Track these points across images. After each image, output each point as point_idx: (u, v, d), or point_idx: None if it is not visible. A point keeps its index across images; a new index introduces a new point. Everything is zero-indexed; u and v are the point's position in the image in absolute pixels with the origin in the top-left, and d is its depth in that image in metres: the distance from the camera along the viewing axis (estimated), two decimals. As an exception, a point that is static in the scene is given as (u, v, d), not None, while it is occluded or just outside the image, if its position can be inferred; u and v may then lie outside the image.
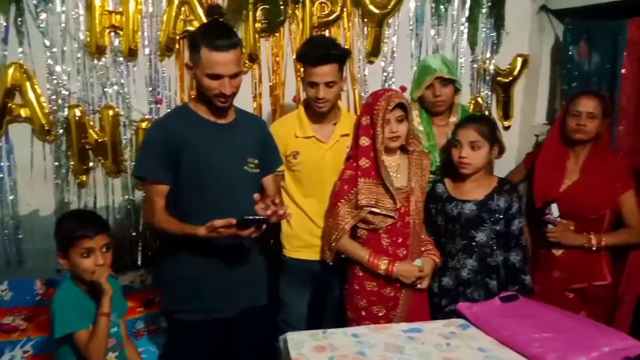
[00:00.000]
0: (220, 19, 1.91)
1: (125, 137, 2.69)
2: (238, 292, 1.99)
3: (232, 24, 2.61)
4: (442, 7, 2.86)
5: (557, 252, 2.24)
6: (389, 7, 2.79)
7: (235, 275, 1.97)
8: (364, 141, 2.09)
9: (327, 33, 2.77)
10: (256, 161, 1.99)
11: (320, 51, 2.11)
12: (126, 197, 2.74)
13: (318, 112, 2.20)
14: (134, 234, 2.75)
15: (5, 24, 2.46)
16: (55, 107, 2.57)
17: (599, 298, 2.23)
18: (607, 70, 2.48)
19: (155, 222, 1.89)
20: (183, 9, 2.61)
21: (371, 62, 2.88)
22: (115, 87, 2.64)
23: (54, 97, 2.56)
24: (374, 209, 2.06)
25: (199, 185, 1.88)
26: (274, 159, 2.13)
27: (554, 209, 2.17)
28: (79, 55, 2.58)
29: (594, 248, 2.18)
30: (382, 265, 2.06)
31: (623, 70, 2.37)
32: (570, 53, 2.69)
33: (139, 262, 2.76)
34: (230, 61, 1.80)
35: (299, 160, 2.22)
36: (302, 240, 2.29)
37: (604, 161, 2.22)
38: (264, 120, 2.34)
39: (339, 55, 2.14)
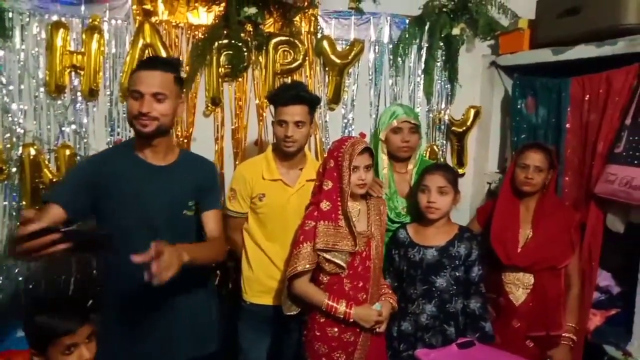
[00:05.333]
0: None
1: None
2: (179, 340, 1.91)
3: (196, 69, 2.66)
4: (399, 59, 2.98)
5: (517, 302, 2.27)
6: (350, 57, 2.90)
7: (174, 321, 1.89)
8: (327, 184, 2.09)
9: (289, 80, 2.84)
10: (192, 203, 1.93)
11: (291, 91, 2.19)
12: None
13: (286, 155, 2.24)
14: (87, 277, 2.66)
15: (-40, 59, 2.41)
16: (9, 145, 2.51)
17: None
18: (553, 123, 2.61)
19: None
20: (146, 51, 2.63)
21: (332, 109, 2.96)
22: (73, 127, 2.61)
23: (8, 135, 2.50)
24: (325, 255, 2.04)
25: (120, 225, 1.79)
26: (213, 199, 2.01)
27: None
28: (36, 93, 2.54)
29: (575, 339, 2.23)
30: (341, 308, 2.02)
31: (567, 125, 2.51)
32: (518, 107, 2.83)
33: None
34: (153, 79, 1.77)
35: (265, 203, 2.23)
36: (262, 285, 2.28)
37: (553, 211, 2.30)
38: (213, 164, 2.26)
39: (309, 98, 2.21)
